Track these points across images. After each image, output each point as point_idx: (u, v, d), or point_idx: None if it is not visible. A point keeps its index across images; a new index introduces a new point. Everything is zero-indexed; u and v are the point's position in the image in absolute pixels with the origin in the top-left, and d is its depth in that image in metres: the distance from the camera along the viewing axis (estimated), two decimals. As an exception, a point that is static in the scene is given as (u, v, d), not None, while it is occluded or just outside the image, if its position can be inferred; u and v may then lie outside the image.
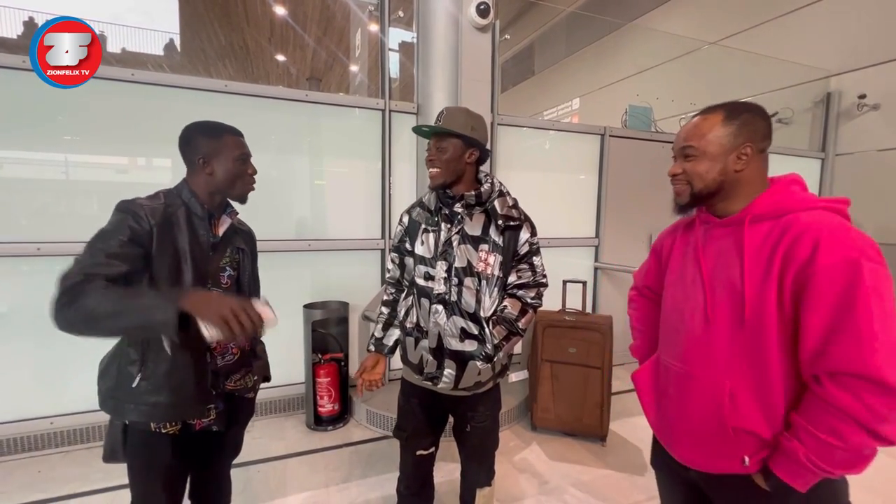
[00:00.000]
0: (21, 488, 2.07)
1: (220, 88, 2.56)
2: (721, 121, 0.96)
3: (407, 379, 1.54)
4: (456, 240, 1.36)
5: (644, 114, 3.98)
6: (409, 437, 1.55)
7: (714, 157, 0.96)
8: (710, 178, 0.97)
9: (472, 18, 2.59)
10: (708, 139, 0.97)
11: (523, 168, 3.44)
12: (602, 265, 3.73)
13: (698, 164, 0.98)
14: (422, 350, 1.41)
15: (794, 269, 0.84)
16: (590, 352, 2.57)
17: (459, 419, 1.52)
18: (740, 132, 0.95)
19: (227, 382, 1.27)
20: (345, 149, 2.96)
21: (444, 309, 1.36)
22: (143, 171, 2.63)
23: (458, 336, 1.36)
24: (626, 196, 3.77)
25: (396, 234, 1.54)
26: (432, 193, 1.44)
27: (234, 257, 1.30)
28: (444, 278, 1.36)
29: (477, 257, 1.35)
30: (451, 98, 2.73)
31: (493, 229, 1.37)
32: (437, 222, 1.41)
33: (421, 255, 1.42)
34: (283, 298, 2.82)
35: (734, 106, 0.98)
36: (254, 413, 1.46)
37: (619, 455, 2.46)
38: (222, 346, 1.24)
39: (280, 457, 2.39)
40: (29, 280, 2.33)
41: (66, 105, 2.30)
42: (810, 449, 0.81)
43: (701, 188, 0.99)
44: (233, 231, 1.31)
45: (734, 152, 0.95)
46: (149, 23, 14.47)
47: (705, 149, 0.97)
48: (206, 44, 10.52)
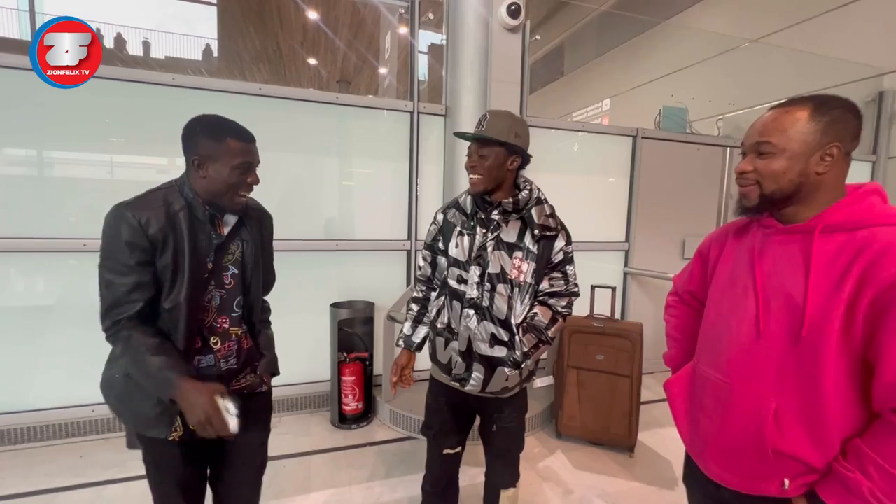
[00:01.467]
0: (64, 471, 2.18)
1: (254, 91, 2.63)
2: (808, 115, 0.85)
3: (435, 377, 1.54)
4: (491, 245, 1.34)
5: (679, 115, 3.86)
6: (436, 435, 1.56)
7: (795, 155, 0.85)
8: (787, 179, 0.86)
9: (503, 19, 2.57)
10: (790, 135, 0.85)
11: (552, 170, 3.38)
12: (632, 270, 3.62)
13: (774, 162, 0.87)
14: (451, 351, 1.40)
15: (874, 292, 0.76)
16: (619, 359, 2.50)
17: (486, 419, 1.52)
18: (829, 129, 0.84)
19: (233, 382, 1.23)
20: (373, 150, 2.99)
21: (476, 313, 1.35)
22: (181, 170, 2.73)
23: (487, 341, 1.35)
24: (659, 199, 3.66)
25: (430, 233, 1.53)
26: (468, 196, 1.42)
27: (238, 254, 1.22)
28: (476, 283, 1.35)
29: (511, 264, 1.33)
30: (479, 99, 2.72)
31: (528, 237, 1.35)
32: (472, 226, 1.39)
33: (455, 257, 1.41)
34: (311, 297, 2.87)
35: (824, 99, 0.86)
36: (271, 410, 1.41)
37: (648, 467, 2.38)
38: (227, 349, 1.19)
39: (305, 453, 2.43)
40: (76, 274, 2.45)
41: (111, 108, 2.42)
42: (876, 484, 0.75)
43: (773, 190, 0.88)
44: (240, 224, 1.22)
45: (819, 152, 0.84)
46: (188, 29, 15.07)
47: (786, 146, 0.85)
48: (242, 48, 10.89)
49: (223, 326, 1.18)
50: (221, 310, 1.17)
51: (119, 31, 10.62)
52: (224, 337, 1.18)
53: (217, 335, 1.17)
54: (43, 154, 2.42)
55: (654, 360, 2.96)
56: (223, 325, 1.18)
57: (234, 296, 1.20)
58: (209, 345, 1.16)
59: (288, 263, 2.81)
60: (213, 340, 1.17)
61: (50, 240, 2.35)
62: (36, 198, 2.37)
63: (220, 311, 1.17)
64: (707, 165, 3.78)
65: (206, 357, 1.16)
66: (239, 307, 1.22)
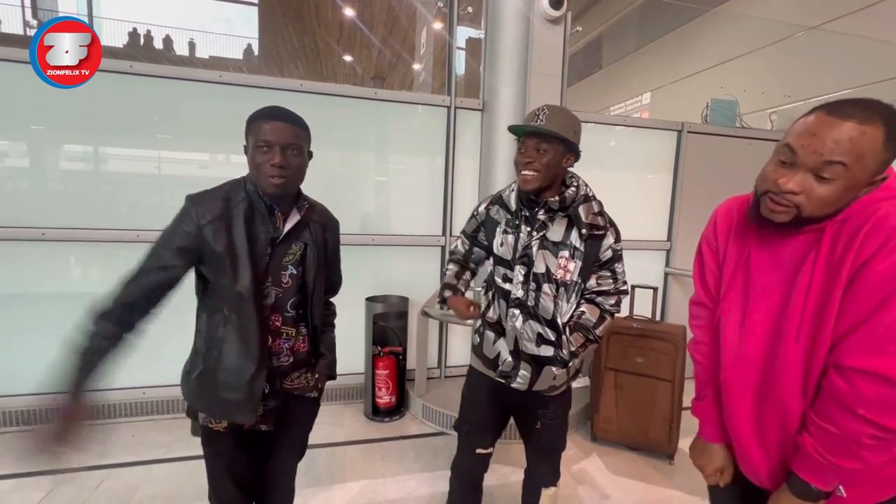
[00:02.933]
0: (119, 449, 2.31)
1: (296, 88, 2.69)
2: (883, 140, 0.71)
3: (477, 370, 1.50)
4: (536, 245, 1.30)
5: (729, 108, 3.66)
6: (471, 431, 1.52)
7: (856, 186, 0.73)
8: (835, 208, 0.75)
9: (545, 11, 2.51)
10: (864, 161, 0.71)
11: (590, 165, 3.27)
12: (674, 270, 3.48)
13: (831, 187, 0.73)
14: (500, 347, 1.38)
15: (857, 266, 0.73)
16: (659, 363, 2.40)
17: (529, 416, 1.47)
18: (892, 157, 0.73)
19: (286, 381, 1.23)
20: (409, 145, 3.00)
21: (521, 313, 1.32)
22: (223, 166, 2.82)
23: (534, 340, 1.32)
24: (704, 197, 3.48)
25: (469, 224, 1.51)
26: (513, 193, 1.37)
27: (298, 255, 1.19)
28: (521, 283, 1.31)
29: (556, 264, 1.29)
30: (518, 94, 2.67)
31: (574, 235, 1.30)
32: (517, 224, 1.35)
33: (500, 255, 1.37)
34: (347, 291, 2.88)
35: (893, 117, 0.72)
36: (316, 414, 1.41)
37: (689, 475, 2.28)
38: (276, 346, 1.18)
39: (339, 443, 2.48)
40: (129, 264, 2.58)
41: (159, 106, 2.52)
42: (816, 439, 0.78)
43: (814, 214, 0.76)
44: (303, 225, 1.21)
45: (874, 177, 0.74)
46: (230, 29, 15.64)
47: (855, 174, 0.72)
48: (281, 46, 11.19)
49: (275, 325, 1.18)
50: (275, 308, 1.17)
51: (168, 33, 11.14)
52: (275, 335, 1.18)
53: (269, 332, 1.17)
54: (99, 150, 2.56)
55: (696, 364, 2.85)
56: (275, 324, 1.18)
57: (289, 296, 1.19)
58: None
59: (325, 257, 2.87)
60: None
61: (104, 230, 2.48)
62: (90, 191, 2.52)
63: (273, 308, 1.17)
64: (759, 161, 3.44)
65: None
66: (293, 308, 1.21)
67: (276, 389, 1.20)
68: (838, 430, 0.75)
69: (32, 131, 2.42)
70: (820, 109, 0.76)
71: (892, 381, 0.70)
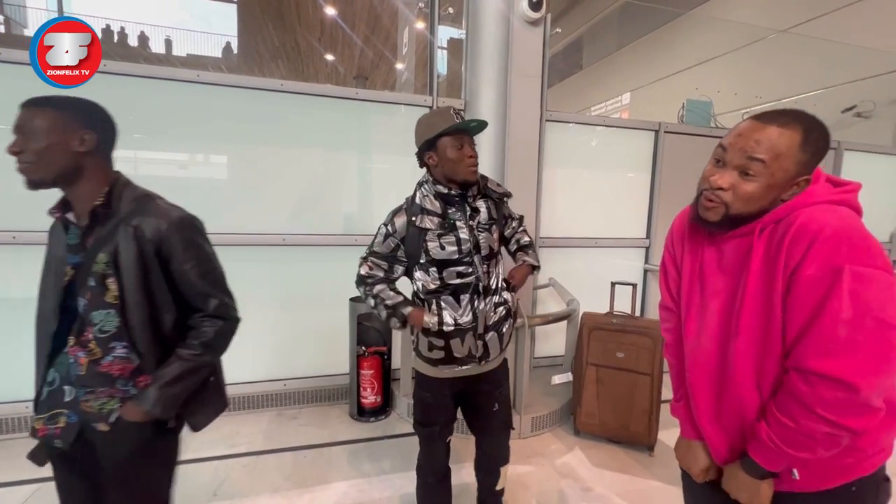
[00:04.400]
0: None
1: (276, 87, 2.66)
2: (800, 143, 0.79)
3: (439, 377, 1.52)
4: (477, 231, 1.45)
5: (704, 108, 3.76)
6: (442, 429, 1.59)
7: (777, 185, 0.81)
8: (757, 207, 0.83)
9: (524, 12, 2.54)
10: (781, 160, 0.79)
11: (572, 165, 3.34)
12: (653, 267, 3.56)
13: (755, 185, 0.81)
14: (468, 341, 1.46)
15: (789, 273, 0.80)
16: (639, 357, 2.46)
17: (489, 399, 1.58)
18: (811, 161, 0.81)
19: (82, 399, 1.05)
20: (392, 145, 3.00)
21: (483, 295, 1.46)
22: (203, 167, 2.78)
23: (493, 309, 1.50)
24: (681, 195, 3.56)
25: (384, 245, 1.48)
26: (430, 197, 1.44)
27: (103, 263, 1.02)
28: (479, 268, 1.45)
29: (492, 239, 1.49)
30: (499, 94, 2.70)
31: (492, 208, 1.51)
32: (451, 223, 1.44)
33: (445, 257, 1.42)
34: (330, 291, 2.91)
35: (812, 124, 0.80)
36: (113, 460, 1.09)
37: (668, 466, 2.34)
38: (73, 353, 1.05)
39: (325, 444, 2.47)
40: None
41: (135, 105, 2.47)
42: (773, 429, 0.83)
43: (740, 212, 0.84)
44: (113, 228, 1.04)
45: (795, 179, 0.81)
46: (208, 27, 15.34)
47: (774, 172, 0.80)
48: (261, 45, 11.02)
49: (86, 337, 1.05)
50: (84, 322, 1.05)
51: (143, 30, 10.86)
52: (83, 347, 1.05)
53: (78, 345, 1.06)
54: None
55: (674, 358, 2.93)
56: (86, 336, 1.05)
57: (90, 311, 1.04)
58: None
59: (307, 258, 2.86)
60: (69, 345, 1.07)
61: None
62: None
63: (84, 322, 1.05)
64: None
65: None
66: (85, 325, 1.05)
67: (66, 402, 1.06)
68: (795, 425, 0.79)
69: (0, 131, 2.35)
70: (752, 116, 0.86)
71: (848, 384, 0.74)
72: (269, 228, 2.75)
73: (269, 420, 2.73)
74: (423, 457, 1.65)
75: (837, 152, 4.05)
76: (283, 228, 2.77)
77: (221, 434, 2.53)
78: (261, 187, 2.75)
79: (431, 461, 1.63)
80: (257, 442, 2.47)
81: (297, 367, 2.93)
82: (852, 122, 4.60)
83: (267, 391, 2.85)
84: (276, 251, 2.77)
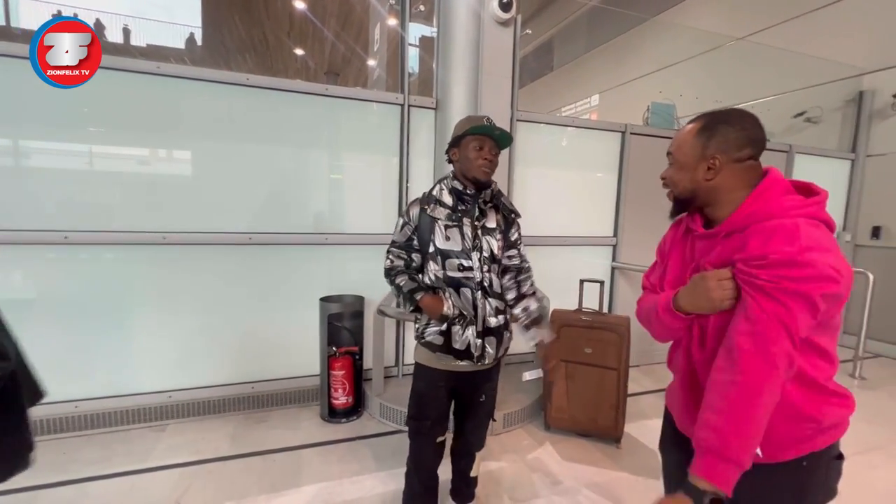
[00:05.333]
0: (48, 469, 2.13)
1: (242, 81, 2.58)
2: (695, 132, 0.99)
3: (434, 367, 1.60)
4: (480, 232, 1.55)
5: (667, 111, 3.90)
6: (433, 425, 1.63)
7: (684, 166, 1.01)
8: (682, 186, 1.03)
9: (494, 13, 2.56)
10: (682, 149, 1.01)
11: (541, 165, 3.40)
12: (620, 265, 3.67)
13: (675, 171, 1.04)
14: (468, 335, 1.54)
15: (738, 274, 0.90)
16: (606, 352, 2.53)
17: (476, 392, 1.66)
18: (709, 144, 0.97)
19: None
20: (363, 143, 2.96)
21: (482, 293, 1.54)
22: (165, 162, 2.66)
23: (494, 314, 1.56)
24: (646, 195, 3.70)
25: (401, 233, 1.60)
26: (444, 191, 1.56)
27: None
28: (479, 267, 1.53)
29: (497, 245, 1.57)
30: (470, 93, 2.71)
31: (501, 220, 1.61)
32: (458, 218, 1.54)
33: (448, 248, 1.53)
34: (300, 291, 2.85)
35: (712, 116, 1.00)
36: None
37: (634, 457, 2.43)
38: None
39: (295, 447, 2.42)
40: (56, 268, 2.39)
41: (91, 97, 2.35)
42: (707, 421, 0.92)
43: (677, 193, 1.05)
44: None
45: (704, 162, 0.98)
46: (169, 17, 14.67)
47: (678, 157, 1.02)
48: (227, 37, 10.66)
49: None
50: None
51: (98, 17, 10.29)
52: None
53: None
54: (19, 144, 2.34)
55: (640, 352, 3.02)
56: None
57: None
58: None
59: (276, 257, 2.79)
60: None
61: (28, 231, 2.28)
62: (11, 189, 2.29)
63: None
64: None
65: None
66: None
67: None
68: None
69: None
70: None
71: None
72: (234, 227, 2.66)
73: (236, 424, 2.65)
74: (412, 457, 1.69)
75: (789, 155, 4.28)
76: (249, 227, 2.69)
77: (185, 440, 2.44)
78: (226, 185, 2.66)
79: (420, 461, 1.67)
80: (223, 447, 2.40)
81: (266, 368, 2.86)
82: (803, 127, 4.87)
83: (234, 394, 2.77)
84: (243, 250, 2.69)
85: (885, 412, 3.06)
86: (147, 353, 2.59)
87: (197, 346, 2.70)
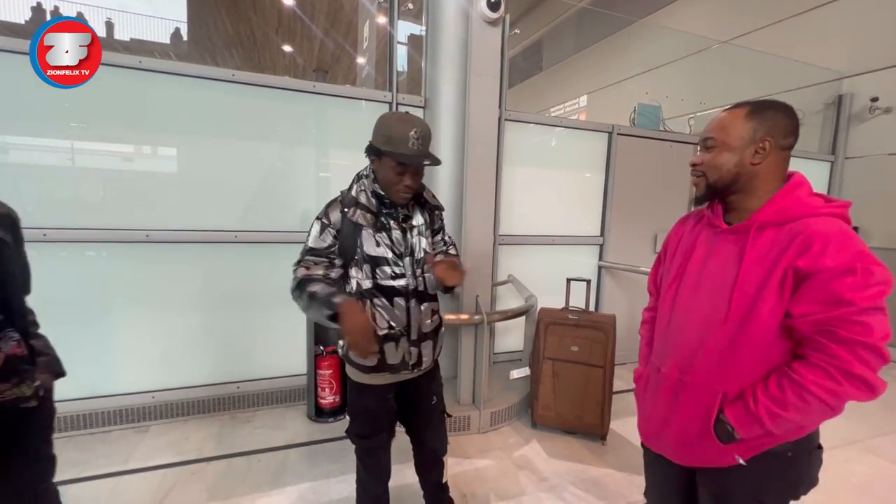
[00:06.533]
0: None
1: (227, 78, 2.55)
2: (745, 115, 0.98)
3: (376, 384, 1.49)
4: (409, 234, 1.45)
5: (653, 112, 3.94)
6: (388, 435, 1.57)
7: (732, 148, 0.98)
8: (726, 169, 0.99)
9: (483, 12, 2.56)
10: (728, 131, 0.99)
11: (529, 164, 3.42)
12: (606, 264, 3.71)
13: (717, 155, 1.00)
14: (402, 347, 1.43)
15: (803, 266, 0.89)
16: (592, 350, 2.56)
17: (425, 397, 1.58)
18: (761, 126, 0.96)
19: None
20: (351, 141, 2.94)
21: (416, 300, 1.44)
22: (149, 159, 2.62)
23: (429, 316, 1.49)
24: (633, 195, 3.75)
25: (321, 238, 1.39)
26: (366, 192, 1.42)
27: None
28: (412, 273, 1.44)
29: (427, 243, 1.48)
30: (459, 92, 2.71)
31: (426, 215, 1.51)
32: (385, 223, 1.42)
33: (380, 255, 1.39)
34: (287, 290, 2.81)
35: (761, 102, 1.00)
36: (53, 419, 1.25)
37: (620, 454, 2.46)
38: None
39: (281, 447, 2.40)
40: (34, 265, 2.32)
41: (73, 92, 2.29)
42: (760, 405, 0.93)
43: (715, 179, 1.01)
44: None
45: (753, 146, 0.97)
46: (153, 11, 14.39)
47: (724, 140, 0.99)
48: (214, 33, 10.50)
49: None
50: None
51: (80, 10, 10.06)
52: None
53: None
54: (-3, 138, 2.28)
55: (626, 350, 3.06)
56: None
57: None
58: None
59: (263, 255, 2.76)
60: None
61: (6, 229, 2.22)
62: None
63: None
64: (679, 163, 3.89)
65: None
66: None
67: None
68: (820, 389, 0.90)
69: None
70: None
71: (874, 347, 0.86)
72: (220, 225, 2.63)
73: (221, 424, 2.62)
74: (367, 470, 1.60)
75: (772, 157, 4.37)
76: (235, 225, 2.66)
77: (168, 441, 2.41)
78: (211, 182, 2.63)
79: (377, 471, 1.60)
80: (208, 448, 2.37)
81: (252, 368, 2.83)
82: (784, 129, 4.98)
83: (219, 394, 2.73)
84: (229, 248, 2.66)
85: (861, 408, 3.13)
86: (130, 353, 2.55)
87: (181, 346, 2.66)
